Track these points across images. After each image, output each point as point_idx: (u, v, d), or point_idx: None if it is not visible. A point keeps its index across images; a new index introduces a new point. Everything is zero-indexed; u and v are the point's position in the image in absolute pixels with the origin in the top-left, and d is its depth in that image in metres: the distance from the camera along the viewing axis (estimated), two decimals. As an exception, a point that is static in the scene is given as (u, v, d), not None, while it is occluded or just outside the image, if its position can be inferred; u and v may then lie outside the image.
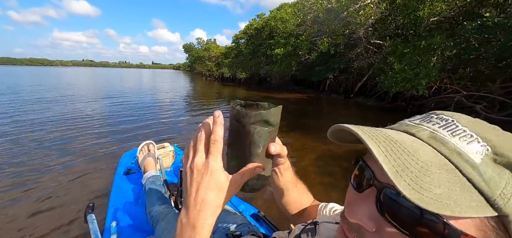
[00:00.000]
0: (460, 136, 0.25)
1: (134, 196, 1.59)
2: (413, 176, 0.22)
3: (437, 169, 0.23)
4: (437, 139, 0.25)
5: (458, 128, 0.25)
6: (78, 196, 2.38)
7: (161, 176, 1.55)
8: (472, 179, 0.22)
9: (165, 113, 6.74)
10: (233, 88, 17.65)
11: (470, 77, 5.52)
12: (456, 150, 0.23)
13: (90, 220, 1.08)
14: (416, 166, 0.23)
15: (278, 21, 15.22)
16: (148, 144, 1.93)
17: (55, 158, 3.30)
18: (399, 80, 5.42)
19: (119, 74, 38.79)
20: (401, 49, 5.98)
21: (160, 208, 1.17)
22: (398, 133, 0.27)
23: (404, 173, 0.22)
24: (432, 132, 0.26)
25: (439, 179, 0.22)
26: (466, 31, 5.04)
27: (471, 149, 0.23)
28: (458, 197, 0.21)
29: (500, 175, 0.22)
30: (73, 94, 10.37)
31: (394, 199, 0.25)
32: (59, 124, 5.08)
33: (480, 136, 0.24)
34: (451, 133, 0.25)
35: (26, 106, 6.95)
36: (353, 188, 0.31)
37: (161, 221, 1.06)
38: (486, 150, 0.23)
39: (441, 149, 0.24)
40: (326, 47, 6.52)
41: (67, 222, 1.98)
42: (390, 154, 0.23)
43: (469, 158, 0.23)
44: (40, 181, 2.68)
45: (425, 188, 0.21)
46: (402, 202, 0.24)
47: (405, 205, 0.23)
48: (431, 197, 0.21)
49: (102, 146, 3.81)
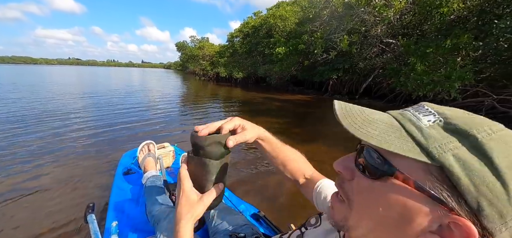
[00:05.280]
0: (421, 112, 0.31)
1: (134, 196, 1.59)
2: (358, 122, 0.31)
3: (382, 124, 0.31)
4: (401, 113, 0.32)
5: (425, 108, 0.31)
6: (78, 196, 2.38)
7: (161, 176, 1.54)
8: (412, 133, 0.28)
9: (164, 113, 6.60)
10: (229, 88, 16.93)
11: (501, 80, 5.10)
12: (409, 118, 0.30)
13: (90, 220, 1.07)
14: (363, 120, 0.32)
15: (278, 19, 14.64)
16: (148, 144, 1.90)
17: (55, 158, 3.27)
18: (425, 82, 4.91)
19: (109, 74, 37.51)
20: (423, 49, 5.48)
21: (161, 208, 1.15)
22: (384, 114, 0.34)
23: (351, 119, 0.32)
24: (402, 110, 0.33)
25: (378, 126, 0.30)
26: (499, 29, 4.57)
27: (425, 118, 0.29)
28: (391, 139, 0.28)
29: (443, 136, 0.27)
30: (69, 93, 10.11)
31: (363, 153, 0.33)
32: (58, 123, 5.03)
33: (439, 112, 0.30)
34: (416, 110, 0.31)
35: (24, 105, 6.82)
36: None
37: (163, 220, 1.04)
38: (439, 120, 0.29)
39: (398, 117, 0.31)
40: (346, 45, 5.95)
41: (67, 222, 1.98)
42: (348, 115, 0.33)
43: (418, 122, 0.29)
44: (40, 181, 2.65)
45: (362, 129, 0.30)
46: (365, 155, 0.32)
47: (376, 159, 0.31)
48: (364, 132, 0.29)
49: (101, 146, 3.79)
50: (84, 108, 7.01)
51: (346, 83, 12.38)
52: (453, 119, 0.28)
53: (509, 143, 0.26)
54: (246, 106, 9.22)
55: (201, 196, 0.54)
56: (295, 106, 9.40)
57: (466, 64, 5.10)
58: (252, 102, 10.08)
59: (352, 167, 0.35)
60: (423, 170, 0.27)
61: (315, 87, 14.71)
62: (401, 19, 6.63)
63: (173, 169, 2.02)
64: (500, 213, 0.25)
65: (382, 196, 0.30)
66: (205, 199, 0.54)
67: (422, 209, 0.28)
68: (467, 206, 0.25)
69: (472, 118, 0.29)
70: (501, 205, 0.24)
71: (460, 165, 0.25)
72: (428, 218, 0.28)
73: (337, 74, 11.28)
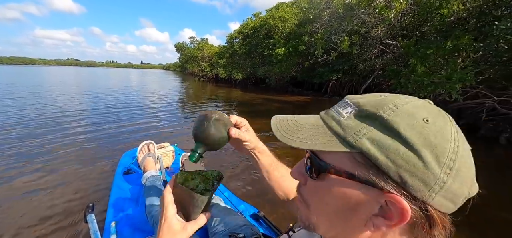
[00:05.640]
0: (342, 106, 0.33)
1: (134, 196, 1.58)
2: (289, 131, 0.35)
3: (309, 127, 0.34)
4: (326, 112, 0.35)
5: (346, 102, 0.33)
6: (77, 196, 2.37)
7: (161, 175, 1.54)
8: (333, 128, 0.31)
9: (163, 114, 6.62)
10: (229, 89, 16.92)
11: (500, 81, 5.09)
12: (332, 114, 0.33)
13: (90, 220, 1.07)
14: (293, 128, 0.35)
15: (277, 20, 14.64)
16: (148, 144, 1.90)
17: (55, 158, 3.27)
18: (426, 84, 4.89)
19: (108, 74, 37.44)
20: (424, 50, 5.47)
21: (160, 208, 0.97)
22: (311, 116, 0.38)
23: (283, 131, 0.36)
24: (327, 109, 0.36)
25: (305, 131, 0.34)
26: (500, 31, 4.56)
27: (344, 111, 0.32)
28: (317, 139, 0.31)
29: (357, 124, 0.29)
30: (68, 93, 10.11)
31: (310, 157, 0.35)
32: (58, 123, 5.02)
33: (353, 102, 0.32)
34: (338, 106, 0.34)
35: (24, 106, 6.83)
36: None
37: None
38: (354, 110, 0.31)
39: (323, 117, 0.35)
40: (347, 46, 5.94)
41: (66, 222, 1.98)
42: (281, 126, 0.37)
43: (338, 117, 0.32)
44: (40, 181, 2.64)
45: (291, 136, 0.34)
46: (312, 159, 0.34)
47: (313, 160, 0.34)
48: (293, 139, 0.33)
49: (101, 146, 3.79)
50: (83, 108, 7.00)
51: (346, 85, 12.38)
52: (364, 105, 0.30)
53: (413, 113, 0.28)
54: (246, 107, 9.19)
55: (185, 225, 0.52)
56: (295, 108, 9.38)
57: (467, 66, 5.09)
58: (251, 103, 10.05)
59: (303, 172, 0.38)
60: (349, 160, 0.29)
61: (314, 88, 14.70)
62: (401, 21, 6.63)
63: (173, 169, 2.01)
64: (423, 181, 0.25)
65: (326, 192, 0.33)
66: (189, 228, 0.52)
67: (360, 195, 0.29)
68: (393, 182, 0.26)
69: (381, 99, 0.30)
70: (421, 173, 0.25)
71: (375, 146, 0.27)
72: (367, 202, 0.29)
73: (337, 76, 11.28)
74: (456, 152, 0.26)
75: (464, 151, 0.27)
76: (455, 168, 0.26)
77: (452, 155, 0.26)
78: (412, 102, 0.29)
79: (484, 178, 2.83)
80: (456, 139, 0.27)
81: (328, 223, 0.35)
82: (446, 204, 0.27)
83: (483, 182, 1.56)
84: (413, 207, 0.27)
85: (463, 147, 0.27)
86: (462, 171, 0.26)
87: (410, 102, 0.29)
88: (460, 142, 0.27)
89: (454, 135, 0.27)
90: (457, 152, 0.26)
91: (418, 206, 0.27)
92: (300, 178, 0.39)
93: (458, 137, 0.27)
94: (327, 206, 0.33)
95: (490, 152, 4.64)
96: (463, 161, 0.26)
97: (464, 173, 0.26)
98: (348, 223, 0.32)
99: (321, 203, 0.34)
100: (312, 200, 0.36)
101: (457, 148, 0.26)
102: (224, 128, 0.58)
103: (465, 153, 0.27)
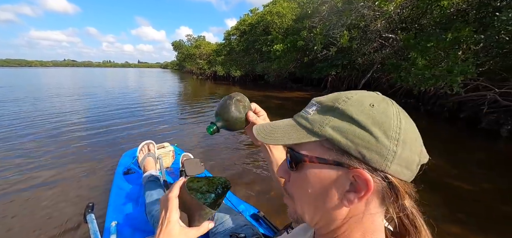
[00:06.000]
0: (309, 107, 0.39)
1: (134, 196, 1.57)
2: (267, 133, 0.41)
3: (283, 126, 0.40)
4: (297, 114, 0.41)
5: (312, 103, 0.39)
6: (77, 196, 2.36)
7: (161, 175, 1.54)
8: (302, 124, 0.37)
9: (163, 113, 6.63)
10: (227, 87, 16.85)
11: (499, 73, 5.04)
12: (301, 114, 0.39)
13: (90, 220, 1.07)
14: (271, 130, 0.41)
15: (275, 15, 14.49)
16: (148, 144, 1.91)
17: (54, 158, 3.25)
18: (427, 77, 4.84)
19: (106, 74, 37.31)
20: (424, 43, 5.41)
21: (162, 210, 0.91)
22: (285, 120, 0.43)
23: (263, 134, 0.41)
24: (298, 113, 0.41)
25: (281, 130, 0.39)
26: (501, 22, 4.50)
27: (310, 110, 0.38)
28: (290, 135, 0.37)
29: (321, 117, 0.35)
30: (67, 94, 10.09)
31: (288, 152, 0.39)
32: (58, 123, 5.01)
33: (317, 101, 0.38)
34: (307, 107, 0.39)
35: (23, 107, 6.84)
36: None
37: None
38: (317, 107, 0.37)
39: (295, 117, 0.40)
40: (346, 41, 5.87)
41: (66, 222, 1.98)
42: (261, 130, 0.43)
43: (306, 115, 0.38)
44: (40, 181, 2.64)
45: (269, 136, 0.40)
46: (290, 153, 0.38)
47: (291, 154, 0.38)
48: (271, 138, 0.39)
49: (101, 146, 3.79)
50: (83, 108, 6.98)
51: (345, 80, 12.32)
52: (324, 102, 0.37)
53: (361, 101, 0.34)
54: (245, 105, 9.12)
55: (187, 231, 0.52)
56: (295, 104, 9.32)
57: (468, 58, 5.04)
58: (251, 101, 9.98)
59: (286, 169, 0.42)
60: (318, 147, 0.35)
61: (313, 84, 14.62)
62: (399, 13, 6.55)
63: (173, 169, 2.02)
64: (378, 153, 0.31)
65: (305, 180, 0.37)
66: (190, 233, 0.53)
67: (332, 175, 0.34)
68: (355, 159, 0.32)
69: (337, 95, 0.37)
70: (375, 146, 0.31)
71: (336, 131, 0.32)
72: (339, 181, 0.34)
73: (336, 71, 11.20)
74: (400, 126, 0.31)
75: (407, 125, 0.32)
76: (401, 139, 0.31)
77: (397, 129, 0.31)
78: (360, 93, 0.36)
79: (486, 171, 2.83)
80: (398, 116, 0.32)
81: (312, 209, 0.38)
82: (402, 171, 0.32)
83: (486, 176, 1.54)
84: (376, 177, 0.32)
85: (406, 122, 0.33)
86: (408, 141, 0.31)
87: (359, 93, 0.36)
88: (402, 118, 0.32)
89: (396, 114, 0.32)
90: (400, 126, 0.31)
91: (379, 176, 0.32)
92: (285, 175, 0.43)
93: (399, 115, 0.33)
94: (307, 193, 0.37)
95: (491, 144, 4.62)
96: (407, 133, 0.32)
97: (410, 143, 0.32)
98: (327, 204, 0.36)
99: (302, 192, 0.38)
100: (295, 191, 0.40)
101: (400, 123, 0.32)
102: (244, 109, 0.63)
103: (408, 126, 0.32)
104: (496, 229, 2.08)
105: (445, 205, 2.40)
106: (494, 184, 2.86)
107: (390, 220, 0.40)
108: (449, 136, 5.29)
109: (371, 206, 0.35)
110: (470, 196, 2.60)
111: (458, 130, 5.55)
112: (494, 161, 3.81)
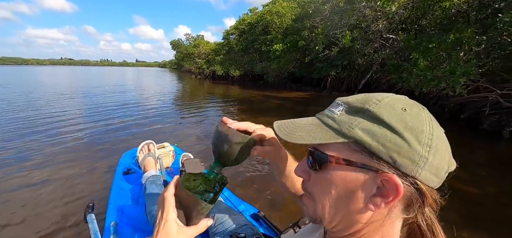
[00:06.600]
0: (334, 106, 0.38)
1: (134, 196, 1.57)
2: (289, 131, 0.39)
3: (308, 125, 0.38)
4: (321, 113, 0.40)
5: (337, 103, 0.38)
6: (77, 196, 2.36)
7: (161, 175, 1.54)
8: (329, 124, 0.36)
9: (163, 113, 6.59)
10: (226, 87, 16.74)
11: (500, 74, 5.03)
12: (326, 114, 0.38)
13: (90, 220, 1.07)
14: (294, 128, 0.39)
15: (274, 15, 14.44)
16: (148, 144, 1.90)
17: (55, 158, 3.24)
18: (429, 78, 4.81)
19: (103, 73, 36.98)
20: (426, 44, 5.38)
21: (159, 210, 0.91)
22: (309, 118, 0.42)
23: (285, 131, 0.39)
24: (322, 111, 0.40)
25: (305, 129, 0.38)
26: (503, 23, 4.48)
27: (337, 110, 0.36)
28: (316, 134, 0.35)
29: (350, 118, 0.34)
30: (66, 93, 10.03)
31: (308, 154, 0.39)
32: (57, 124, 5.00)
33: (344, 101, 0.37)
34: (331, 107, 0.39)
35: (22, 107, 6.78)
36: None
37: None
38: (345, 107, 0.36)
39: (319, 116, 0.39)
40: (349, 41, 5.83)
41: (66, 222, 1.98)
42: (283, 128, 0.41)
43: (332, 115, 0.36)
44: (39, 181, 2.63)
45: (292, 134, 0.38)
46: (314, 154, 0.38)
47: (315, 154, 0.37)
48: (294, 136, 0.37)
49: (101, 146, 3.78)
50: (82, 108, 6.93)
51: (345, 80, 12.31)
52: (353, 103, 0.36)
53: (393, 105, 0.33)
54: (245, 105, 9.07)
55: (185, 230, 0.51)
56: (294, 104, 9.28)
57: (470, 59, 5.01)
58: (250, 101, 9.93)
59: (306, 169, 0.41)
60: (346, 149, 0.34)
61: (313, 84, 14.59)
62: (399, 14, 6.53)
63: (173, 169, 2.02)
64: (409, 158, 0.30)
65: (329, 181, 0.36)
66: (188, 233, 0.51)
67: (358, 178, 0.33)
68: (385, 163, 0.31)
69: (366, 97, 0.35)
70: (406, 152, 0.30)
71: (366, 134, 0.31)
72: (366, 184, 0.33)
73: (336, 71, 11.18)
74: (432, 132, 0.31)
75: (439, 132, 0.32)
76: (433, 146, 0.30)
77: (429, 135, 0.30)
78: (392, 96, 0.35)
79: (488, 172, 2.78)
80: (430, 123, 0.32)
81: (333, 211, 0.37)
82: (431, 178, 0.31)
83: (487, 177, 1.46)
84: (405, 182, 0.31)
85: (437, 129, 0.32)
86: (440, 149, 0.31)
87: (390, 96, 0.35)
88: (433, 125, 0.32)
89: (428, 119, 0.32)
90: (433, 132, 0.31)
91: (409, 182, 0.31)
92: (304, 175, 0.42)
93: (431, 121, 0.32)
94: (330, 194, 0.36)
95: (493, 146, 4.60)
96: (439, 140, 0.31)
97: (441, 150, 0.31)
98: (351, 206, 0.35)
99: (325, 193, 0.37)
100: (317, 192, 0.39)
101: (432, 130, 0.31)
102: (247, 149, 0.55)
103: (440, 133, 0.32)
104: (500, 231, 2.05)
105: (447, 206, 2.35)
106: (497, 186, 2.83)
107: (403, 225, 0.38)
108: (450, 136, 5.19)
109: (394, 211, 0.34)
110: (472, 198, 2.56)
111: (459, 131, 5.52)
112: (497, 162, 3.78)
